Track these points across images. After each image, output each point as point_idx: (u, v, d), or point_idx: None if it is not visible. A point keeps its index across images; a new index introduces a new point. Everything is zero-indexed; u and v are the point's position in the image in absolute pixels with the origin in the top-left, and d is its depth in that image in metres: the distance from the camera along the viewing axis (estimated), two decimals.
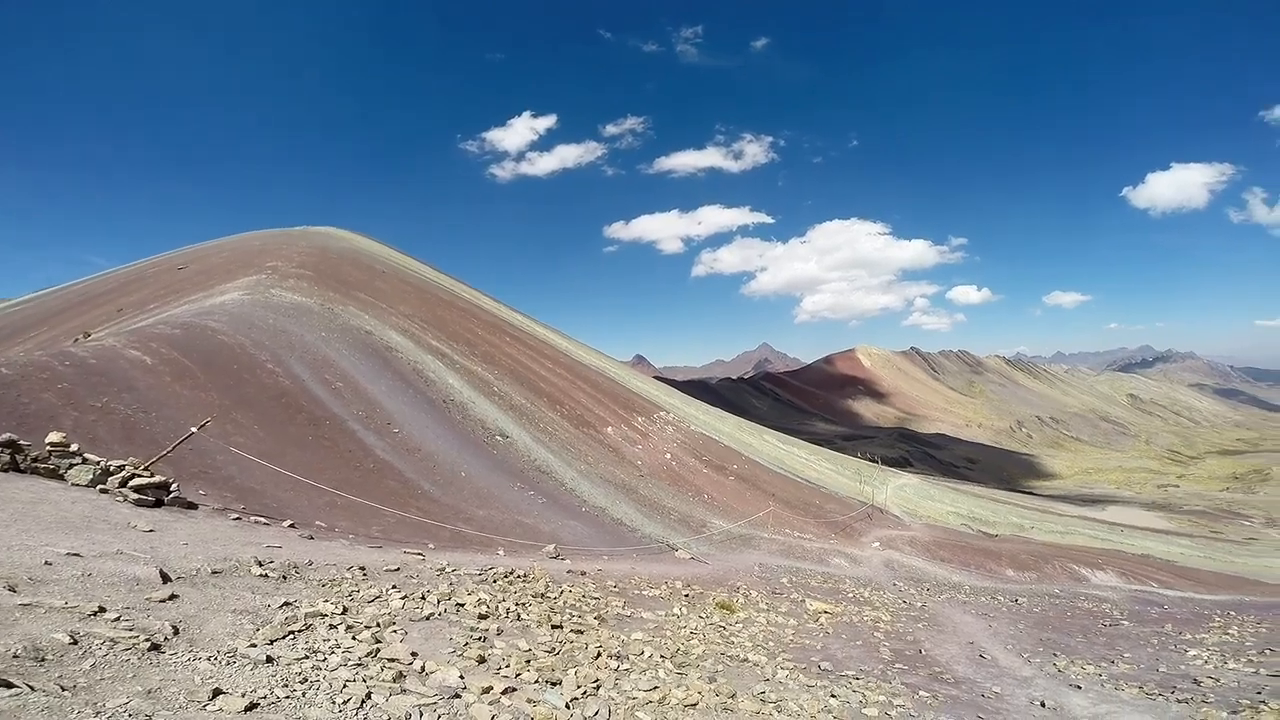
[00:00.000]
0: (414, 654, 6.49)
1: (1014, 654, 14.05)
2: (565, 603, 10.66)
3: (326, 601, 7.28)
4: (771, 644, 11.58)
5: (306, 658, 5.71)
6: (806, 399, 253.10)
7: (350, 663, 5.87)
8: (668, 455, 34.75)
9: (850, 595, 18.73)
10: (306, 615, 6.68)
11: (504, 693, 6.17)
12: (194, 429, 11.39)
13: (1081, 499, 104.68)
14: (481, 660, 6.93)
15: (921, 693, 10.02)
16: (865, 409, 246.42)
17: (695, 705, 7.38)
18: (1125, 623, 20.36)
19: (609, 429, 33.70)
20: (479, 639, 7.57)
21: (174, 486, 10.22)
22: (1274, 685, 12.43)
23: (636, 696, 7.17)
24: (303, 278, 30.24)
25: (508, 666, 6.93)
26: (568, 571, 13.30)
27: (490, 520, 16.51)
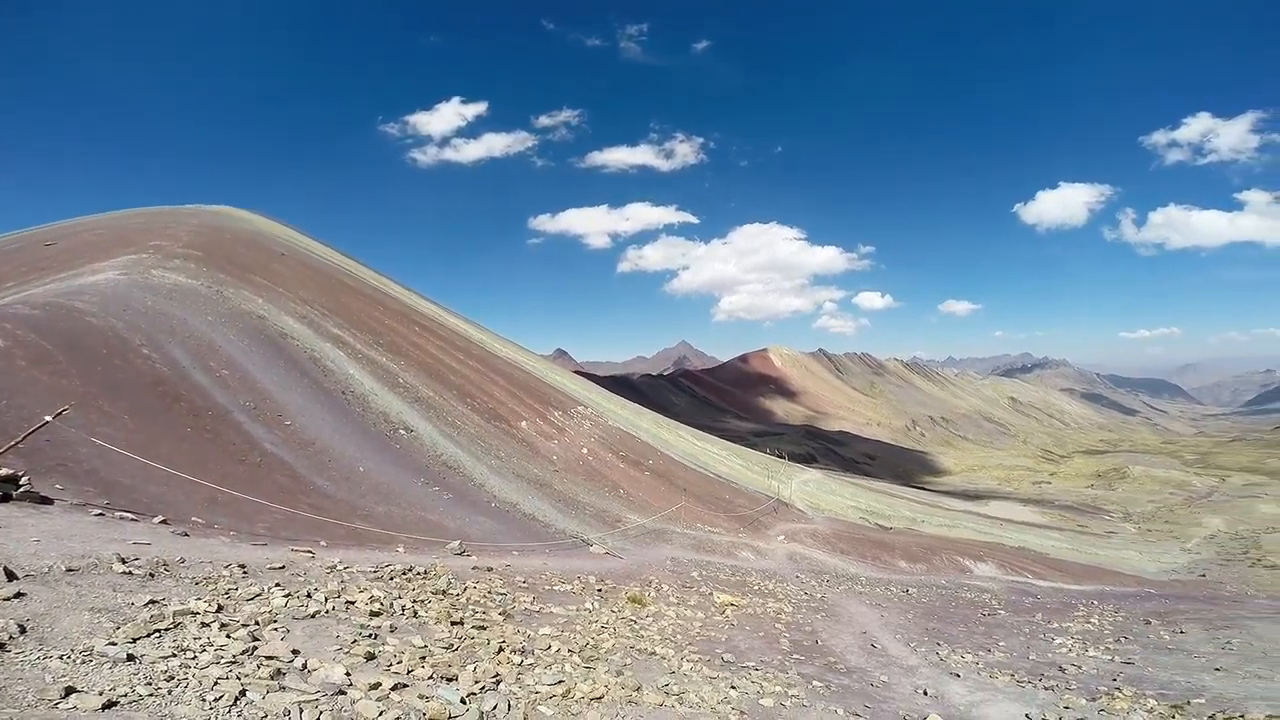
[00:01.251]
0: (295, 651, 6.29)
1: (902, 644, 14.68)
2: (469, 599, 10.42)
3: (199, 600, 6.93)
4: (679, 637, 11.58)
5: (174, 656, 5.46)
6: (722, 396, 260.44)
7: (224, 660, 5.65)
8: (584, 450, 34.86)
9: (756, 587, 19.22)
10: (175, 613, 6.35)
11: (394, 689, 6.04)
12: (49, 418, 10.38)
13: (967, 494, 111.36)
14: (371, 657, 6.77)
15: (815, 683, 10.31)
16: (777, 406, 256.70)
17: (600, 698, 7.36)
18: (1002, 612, 21.49)
19: (523, 423, 33.38)
20: (369, 636, 7.36)
21: (24, 480, 9.31)
22: (1127, 672, 13.44)
23: (540, 691, 7.10)
24: (190, 258, 27.95)
25: (399, 663, 6.77)
26: (473, 568, 13.05)
27: (390, 517, 16.04)
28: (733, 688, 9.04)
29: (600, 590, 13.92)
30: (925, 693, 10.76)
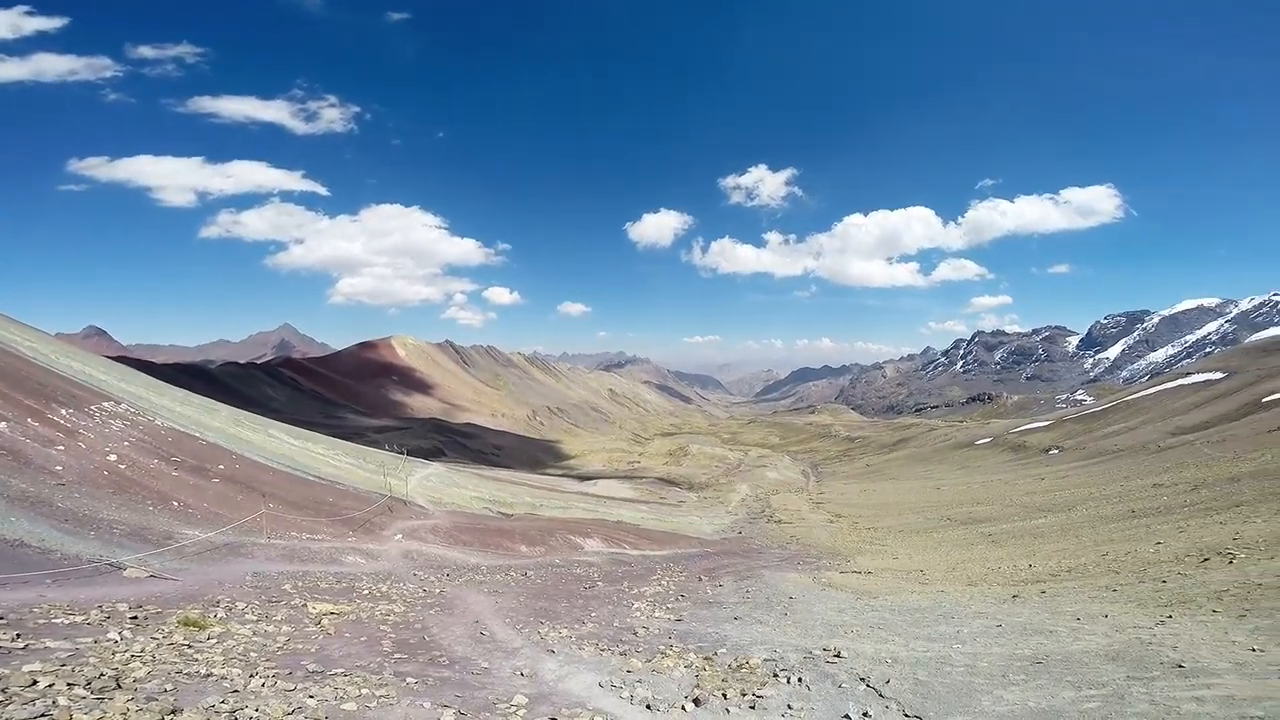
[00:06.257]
0: None
1: (510, 627, 14.65)
2: None
3: None
4: (254, 655, 10.12)
5: None
6: (336, 389, 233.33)
7: None
8: (113, 457, 25.39)
9: (366, 592, 17.58)
10: None
11: None
12: None
13: (580, 476, 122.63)
14: None
15: (410, 680, 9.73)
16: (405, 400, 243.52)
17: None
18: (600, 584, 23.01)
19: (1, 425, 22.06)
20: None
21: None
22: (679, 629, 15.19)
23: None
24: None
25: None
26: None
27: None
28: (310, 697, 8.39)
29: (136, 618, 11.32)
30: (522, 674, 10.86)
